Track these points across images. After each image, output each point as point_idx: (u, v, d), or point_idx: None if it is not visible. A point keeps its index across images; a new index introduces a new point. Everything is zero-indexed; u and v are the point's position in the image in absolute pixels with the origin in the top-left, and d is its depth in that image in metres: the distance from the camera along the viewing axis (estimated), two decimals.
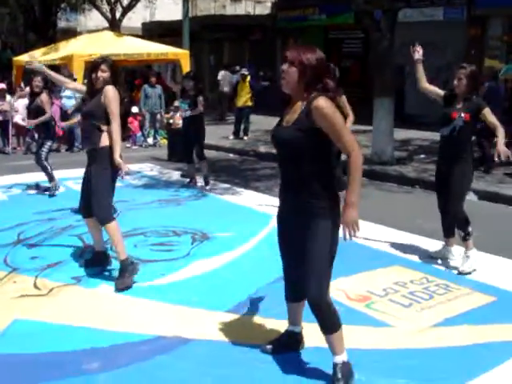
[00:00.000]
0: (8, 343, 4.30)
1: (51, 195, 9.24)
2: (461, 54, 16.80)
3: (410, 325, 4.60)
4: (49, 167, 9.44)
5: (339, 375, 3.64)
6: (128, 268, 5.43)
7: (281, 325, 4.28)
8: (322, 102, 3.45)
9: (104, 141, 5.49)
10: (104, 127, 5.49)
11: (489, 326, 4.58)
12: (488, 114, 5.80)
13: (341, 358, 3.67)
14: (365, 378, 3.75)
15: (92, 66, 5.65)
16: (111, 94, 5.47)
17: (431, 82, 6.48)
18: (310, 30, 22.05)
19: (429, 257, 6.23)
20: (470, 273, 5.74)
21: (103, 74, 5.52)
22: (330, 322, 3.64)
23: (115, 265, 5.72)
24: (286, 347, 4.12)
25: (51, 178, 9.42)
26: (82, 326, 4.57)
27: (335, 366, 3.67)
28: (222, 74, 20.40)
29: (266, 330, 4.44)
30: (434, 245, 6.44)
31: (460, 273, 5.76)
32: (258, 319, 4.55)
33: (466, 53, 16.83)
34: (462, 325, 4.59)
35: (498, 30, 17.12)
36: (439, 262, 6.10)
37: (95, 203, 5.48)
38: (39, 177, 9.71)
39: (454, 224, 6.06)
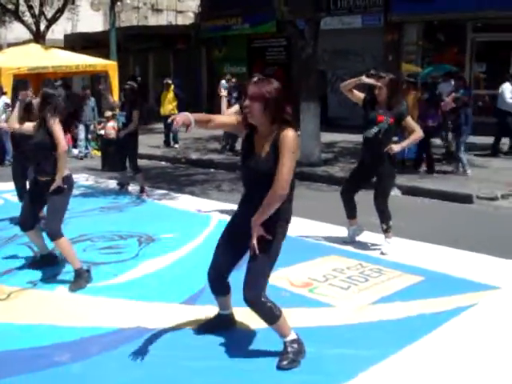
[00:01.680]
0: None
1: None
2: (379, 60, 17.65)
3: (350, 304, 5.10)
4: None
5: (288, 349, 4.07)
6: (83, 275, 5.74)
7: None
8: (291, 134, 3.80)
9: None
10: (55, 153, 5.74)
11: (420, 300, 5.13)
12: (409, 122, 6.54)
13: (290, 337, 4.10)
14: (314, 350, 4.19)
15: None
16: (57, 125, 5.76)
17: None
18: (234, 39, 22.51)
19: (343, 242, 6.88)
20: (388, 254, 6.43)
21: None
22: (267, 317, 4.05)
23: (68, 268, 5.99)
24: (217, 326, 4.58)
25: None
26: (47, 324, 4.83)
27: (285, 343, 4.10)
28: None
29: None
30: (364, 235, 6.98)
31: (382, 253, 6.46)
32: (209, 308, 4.91)
33: (384, 58, 17.67)
34: (396, 301, 5.11)
35: (413, 36, 18.00)
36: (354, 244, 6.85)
37: (50, 223, 5.74)
38: None
39: (354, 209, 6.84)
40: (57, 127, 5.75)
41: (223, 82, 18.22)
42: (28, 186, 6.19)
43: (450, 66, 15.04)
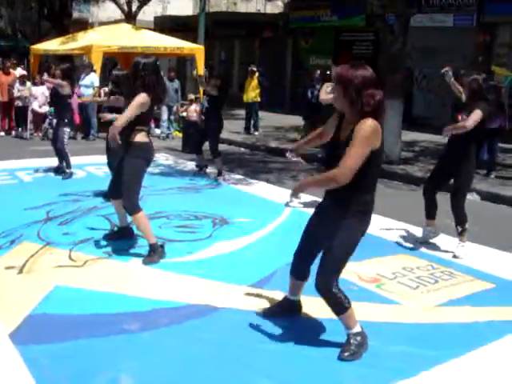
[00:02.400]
0: (52, 305, 4.74)
1: (65, 178, 9.70)
2: (469, 60, 17.23)
3: (416, 303, 5.07)
4: (68, 154, 9.90)
5: (351, 341, 4.10)
6: (157, 250, 5.91)
7: None
8: (369, 122, 3.73)
9: (139, 137, 5.84)
10: (137, 127, 5.84)
11: (489, 307, 5.04)
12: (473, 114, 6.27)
13: (354, 330, 4.12)
14: (377, 345, 4.21)
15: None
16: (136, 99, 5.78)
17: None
18: (322, 31, 22.44)
19: (416, 242, 6.80)
20: (462, 258, 6.32)
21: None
22: (336, 307, 4.08)
23: (143, 242, 6.18)
24: (283, 311, 4.63)
25: (68, 165, 9.87)
26: (120, 293, 5.03)
27: (348, 335, 4.13)
28: None
29: None
30: (438, 238, 6.89)
31: (455, 256, 6.36)
32: (277, 294, 4.98)
33: (473, 59, 17.25)
34: (464, 305, 5.05)
35: (506, 38, 17.51)
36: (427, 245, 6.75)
37: (126, 198, 5.88)
38: (56, 161, 10.16)
39: (435, 209, 6.74)
40: (138, 99, 5.73)
41: None
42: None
43: None
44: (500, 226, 7.89)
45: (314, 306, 4.66)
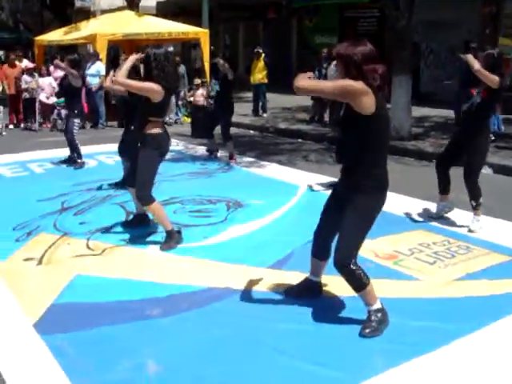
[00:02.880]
0: (74, 294, 4.80)
1: (77, 169, 9.75)
2: (475, 33, 17.07)
3: (435, 278, 5.09)
4: (79, 145, 9.94)
5: (372, 318, 4.13)
6: (174, 236, 5.95)
7: None
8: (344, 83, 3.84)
9: (154, 128, 5.83)
10: (152, 118, 5.84)
11: (506, 280, 5.05)
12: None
13: (374, 307, 4.16)
14: (397, 321, 4.24)
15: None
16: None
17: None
18: (326, 9, 22.28)
19: (431, 217, 6.81)
20: (477, 232, 6.33)
21: None
22: (355, 283, 4.12)
23: (159, 228, 6.23)
24: (305, 292, 4.66)
25: (80, 156, 9.91)
26: (139, 280, 5.08)
27: (369, 311, 4.17)
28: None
29: None
30: (452, 212, 6.89)
31: (470, 231, 6.37)
32: (296, 274, 5.02)
33: (480, 31, 17.08)
34: (482, 279, 5.07)
35: None
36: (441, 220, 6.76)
37: (138, 187, 5.89)
38: (67, 152, 10.20)
39: (448, 184, 6.75)
40: (152, 85, 5.73)
41: None
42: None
43: None
44: None
45: (334, 284, 4.71)
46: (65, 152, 10.27)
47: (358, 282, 4.09)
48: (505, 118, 12.68)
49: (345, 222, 4.04)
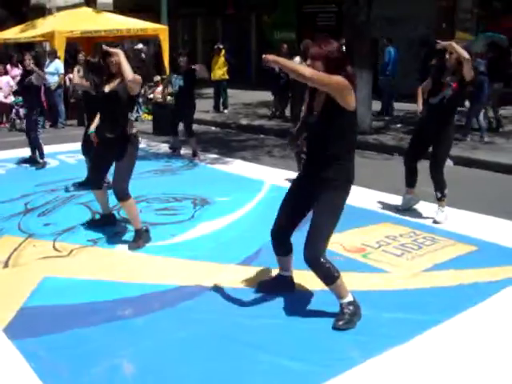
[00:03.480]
0: (43, 296, 4.73)
1: (39, 169, 9.61)
2: (432, 28, 17.33)
3: (403, 270, 5.17)
4: (42, 143, 9.80)
5: (345, 310, 4.18)
6: (142, 235, 5.93)
7: None
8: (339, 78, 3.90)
9: (132, 128, 5.97)
10: (130, 114, 5.93)
11: (473, 269, 5.16)
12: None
13: (346, 299, 4.21)
14: (369, 313, 4.29)
15: (106, 52, 5.90)
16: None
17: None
18: (284, 4, 22.36)
19: (397, 210, 6.91)
20: (442, 223, 6.46)
21: (116, 57, 5.87)
22: (326, 277, 4.16)
23: (127, 227, 6.19)
24: (277, 287, 4.69)
25: (42, 155, 9.77)
26: (108, 281, 5.03)
27: (341, 305, 4.21)
28: None
29: None
30: (418, 205, 7.00)
31: (435, 222, 6.49)
32: (266, 270, 5.05)
33: (437, 26, 17.35)
34: (449, 269, 5.17)
35: (468, 3, 17.63)
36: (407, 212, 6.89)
37: (120, 183, 5.90)
38: (28, 152, 10.05)
39: (415, 178, 6.87)
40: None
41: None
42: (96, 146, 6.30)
43: (498, 34, 14.72)
44: (475, 190, 8.05)
45: (306, 278, 4.74)
46: (25, 152, 10.11)
47: (329, 275, 4.13)
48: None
49: (316, 217, 4.08)
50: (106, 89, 5.97)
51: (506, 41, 14.14)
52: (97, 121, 6.45)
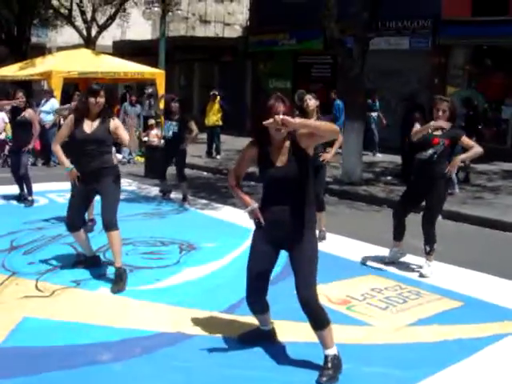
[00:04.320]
0: (21, 337, 4.66)
1: (27, 206, 9.57)
2: (425, 82, 17.60)
3: (387, 324, 5.13)
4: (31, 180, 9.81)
5: (329, 365, 4.12)
6: (123, 276, 5.91)
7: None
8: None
9: (114, 160, 6.13)
10: (112, 149, 6.06)
11: (458, 325, 5.13)
12: (465, 141, 6.59)
13: (332, 351, 4.16)
14: (351, 367, 4.25)
15: (91, 91, 6.01)
16: (119, 124, 6.13)
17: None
18: (280, 54, 22.66)
19: (383, 263, 6.89)
20: (428, 277, 6.45)
21: (101, 99, 5.97)
22: (320, 320, 4.13)
23: (110, 270, 6.14)
24: (258, 339, 4.65)
25: (31, 191, 9.76)
26: (89, 324, 4.97)
27: (326, 357, 4.15)
28: None
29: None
30: (404, 258, 6.99)
31: (421, 275, 6.48)
32: (249, 319, 4.98)
33: (429, 81, 17.62)
34: (433, 324, 5.13)
35: (460, 60, 17.95)
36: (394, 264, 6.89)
37: (109, 213, 5.98)
38: (16, 189, 10.04)
39: (403, 231, 6.89)
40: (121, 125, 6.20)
41: None
42: (72, 185, 6.28)
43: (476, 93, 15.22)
44: (463, 244, 8.04)
45: (286, 329, 4.71)
46: (15, 189, 10.09)
47: (323, 319, 4.12)
48: None
49: (305, 258, 4.08)
50: (88, 130, 6.03)
51: (482, 99, 14.56)
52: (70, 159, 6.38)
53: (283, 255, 4.36)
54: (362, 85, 12.57)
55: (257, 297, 4.41)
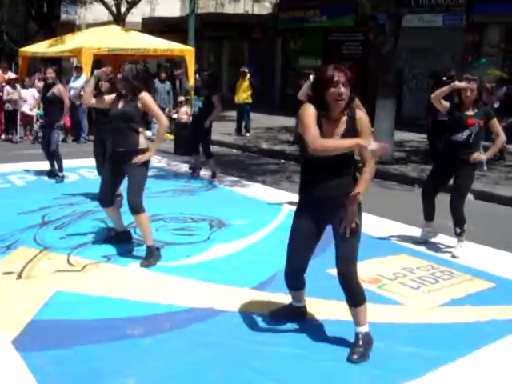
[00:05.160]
0: (54, 311, 4.70)
1: (58, 182, 9.66)
2: (458, 60, 17.29)
3: (419, 304, 5.07)
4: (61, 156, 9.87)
5: (360, 342, 4.10)
6: (154, 253, 5.91)
7: None
8: (362, 113, 4.00)
9: (143, 143, 6.00)
10: (141, 129, 5.99)
11: (491, 306, 5.05)
12: (495, 124, 6.47)
13: (363, 329, 4.14)
14: (383, 345, 4.21)
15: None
16: (149, 99, 6.00)
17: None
18: (311, 31, 22.43)
19: (415, 242, 6.81)
20: (461, 257, 6.35)
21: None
22: (357, 297, 4.11)
23: (141, 246, 6.16)
24: (289, 316, 4.62)
25: (61, 168, 9.83)
26: (120, 298, 5.00)
27: (358, 334, 4.13)
28: None
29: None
30: (436, 238, 6.91)
31: (453, 256, 6.39)
32: (279, 296, 4.98)
33: (462, 59, 17.30)
34: (466, 305, 5.06)
35: (495, 37, 17.59)
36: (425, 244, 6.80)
37: (133, 195, 5.92)
38: (47, 165, 10.13)
39: (433, 211, 6.80)
40: (153, 103, 6.08)
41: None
42: (106, 161, 6.34)
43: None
44: (495, 225, 7.91)
45: (317, 307, 4.69)
46: (46, 165, 10.17)
47: (360, 295, 4.11)
48: None
49: (348, 237, 4.01)
50: (120, 106, 6.03)
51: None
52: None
53: None
54: (395, 62, 12.37)
55: (295, 273, 4.38)
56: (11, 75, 15.83)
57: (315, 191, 4.07)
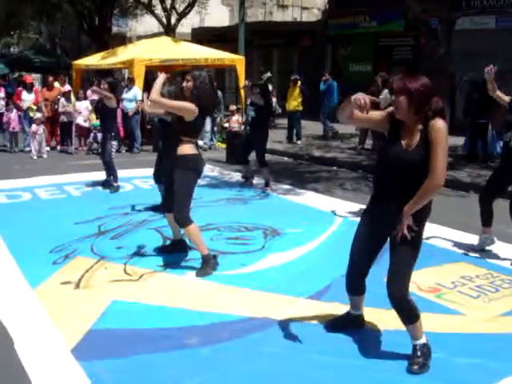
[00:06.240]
0: (111, 320, 4.76)
1: (112, 192, 9.80)
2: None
3: (479, 313, 4.95)
4: (116, 167, 10.03)
5: (418, 353, 4.02)
6: (210, 262, 5.91)
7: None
8: (442, 124, 3.79)
9: (188, 149, 5.88)
10: (185, 138, 5.90)
11: None
12: None
13: (421, 341, 4.05)
14: (443, 356, 4.13)
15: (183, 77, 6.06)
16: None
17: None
18: (360, 37, 22.29)
19: (472, 250, 6.65)
20: None
21: (188, 83, 5.95)
22: (408, 315, 4.02)
23: (196, 254, 6.18)
24: (347, 325, 4.56)
25: (116, 178, 9.98)
26: (177, 308, 5.03)
27: (415, 346, 4.05)
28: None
29: None
30: (494, 245, 6.74)
31: None
32: (335, 305, 4.93)
33: None
34: None
35: None
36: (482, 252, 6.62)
37: (176, 205, 5.88)
38: (103, 175, 10.28)
39: (491, 217, 6.61)
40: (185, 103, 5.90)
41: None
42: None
43: None
44: None
45: (378, 317, 4.63)
46: (101, 175, 10.34)
47: (412, 314, 4.01)
48: None
49: (401, 250, 3.93)
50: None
51: None
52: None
53: None
54: (447, 66, 12.19)
55: (356, 276, 4.33)
56: (68, 88, 16.17)
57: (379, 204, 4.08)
